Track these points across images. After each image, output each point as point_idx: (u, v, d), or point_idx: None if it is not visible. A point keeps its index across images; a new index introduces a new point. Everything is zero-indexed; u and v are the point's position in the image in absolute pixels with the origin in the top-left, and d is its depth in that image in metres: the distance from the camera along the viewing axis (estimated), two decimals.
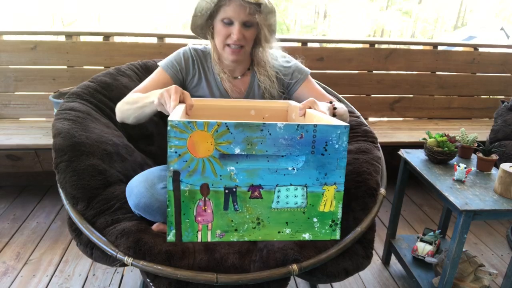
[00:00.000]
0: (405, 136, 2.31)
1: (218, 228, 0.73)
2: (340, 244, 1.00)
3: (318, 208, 0.76)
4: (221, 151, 0.67)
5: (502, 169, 1.25)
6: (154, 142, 1.45)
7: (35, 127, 2.15)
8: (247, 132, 0.67)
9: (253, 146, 0.68)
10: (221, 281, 0.88)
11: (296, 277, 1.08)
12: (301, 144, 0.69)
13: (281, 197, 0.73)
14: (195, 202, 0.70)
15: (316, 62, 2.44)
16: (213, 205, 0.71)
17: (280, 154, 0.69)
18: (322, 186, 0.74)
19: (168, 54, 1.31)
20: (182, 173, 0.67)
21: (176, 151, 0.65)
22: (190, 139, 0.65)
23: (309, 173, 0.72)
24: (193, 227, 0.71)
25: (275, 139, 0.68)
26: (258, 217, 0.74)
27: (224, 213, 0.72)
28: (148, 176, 1.04)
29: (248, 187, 0.71)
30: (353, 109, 1.54)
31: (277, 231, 0.76)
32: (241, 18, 1.12)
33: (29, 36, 2.27)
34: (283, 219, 0.75)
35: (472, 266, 1.42)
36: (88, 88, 1.33)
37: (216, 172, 0.68)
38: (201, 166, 0.68)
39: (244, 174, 0.69)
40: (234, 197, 0.71)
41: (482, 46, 2.71)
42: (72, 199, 1.03)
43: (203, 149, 0.67)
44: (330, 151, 0.71)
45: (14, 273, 1.61)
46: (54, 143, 1.09)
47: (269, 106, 1.16)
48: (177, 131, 0.64)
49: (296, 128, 0.68)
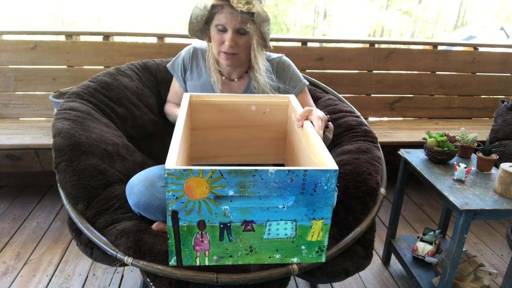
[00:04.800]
0: (405, 136, 2.31)
1: (215, 255, 0.80)
2: (340, 244, 1.00)
3: (306, 238, 0.81)
4: (215, 193, 0.72)
5: (502, 169, 1.25)
6: (154, 142, 1.45)
7: (35, 127, 2.15)
8: (240, 177, 0.71)
9: (246, 188, 0.73)
10: (221, 281, 0.88)
11: (296, 277, 1.08)
12: (291, 186, 0.74)
13: (272, 230, 0.78)
14: (193, 235, 0.76)
15: (316, 62, 2.44)
16: (209, 237, 0.77)
17: (271, 195, 0.74)
18: (310, 220, 0.79)
19: (168, 54, 1.33)
20: (180, 212, 0.72)
21: (173, 194, 0.70)
22: (186, 184, 0.70)
23: (298, 210, 0.77)
24: (192, 254, 0.78)
25: (266, 182, 0.73)
26: (251, 245, 0.80)
27: (219, 243, 0.78)
28: (148, 175, 1.04)
29: (241, 222, 0.76)
30: (353, 109, 1.54)
31: (268, 256, 0.82)
32: (233, 25, 1.12)
33: (29, 36, 2.27)
34: (274, 247, 0.81)
35: (472, 266, 1.42)
36: (88, 88, 1.33)
37: (212, 211, 0.74)
38: (197, 206, 0.73)
39: (238, 211, 0.75)
40: (228, 231, 0.77)
41: (482, 46, 2.71)
42: (72, 199, 1.03)
43: (199, 192, 0.72)
44: (319, 191, 0.75)
45: (14, 273, 1.61)
46: (54, 143, 1.09)
47: (269, 101, 1.17)
48: (173, 178, 0.69)
49: (287, 173, 0.72)
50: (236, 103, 1.14)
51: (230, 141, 1.19)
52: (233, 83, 1.32)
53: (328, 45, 2.64)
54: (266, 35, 1.17)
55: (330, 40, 2.75)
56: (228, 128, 1.17)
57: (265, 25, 1.14)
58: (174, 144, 0.76)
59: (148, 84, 1.54)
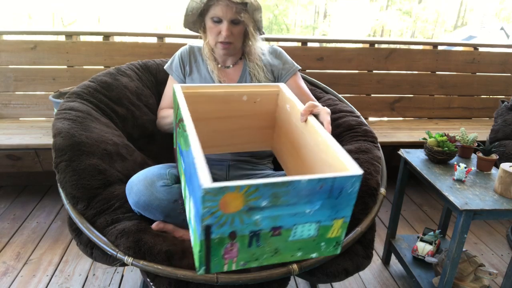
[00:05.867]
0: (405, 136, 2.31)
1: (242, 260, 0.80)
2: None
3: (326, 236, 0.83)
4: (250, 206, 0.73)
5: (502, 169, 1.25)
6: (154, 142, 1.45)
7: (35, 127, 2.15)
8: (275, 189, 0.72)
9: (278, 198, 0.73)
10: (221, 281, 0.88)
11: (296, 277, 1.08)
12: (319, 193, 0.76)
13: (297, 232, 0.80)
14: (223, 246, 0.76)
15: (316, 62, 2.44)
16: (239, 245, 0.77)
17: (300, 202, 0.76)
18: (332, 220, 0.81)
19: (168, 54, 1.33)
20: (213, 226, 0.72)
21: (209, 210, 0.70)
22: (222, 199, 0.69)
23: (323, 212, 0.79)
24: (220, 262, 0.78)
25: (298, 191, 0.74)
26: (276, 248, 0.81)
27: (248, 249, 0.78)
28: (147, 175, 1.04)
29: (270, 229, 0.77)
30: (353, 109, 1.54)
31: (291, 255, 0.84)
32: (228, 16, 1.20)
33: (29, 36, 2.27)
34: (297, 247, 0.83)
35: (472, 266, 1.42)
36: (88, 88, 1.33)
37: (244, 221, 0.74)
38: (231, 219, 0.73)
39: (268, 220, 0.76)
40: (257, 238, 0.78)
41: (482, 46, 2.70)
42: (72, 199, 1.03)
43: (234, 206, 0.72)
44: (343, 195, 0.78)
45: (14, 273, 1.61)
46: (54, 143, 1.09)
47: (260, 90, 1.18)
48: (210, 195, 0.68)
49: (318, 181, 0.74)
50: (227, 94, 1.13)
51: (219, 132, 1.18)
52: (228, 70, 1.37)
53: (328, 45, 2.64)
54: (259, 22, 1.27)
55: (330, 40, 2.75)
56: (217, 119, 1.16)
57: (257, 13, 1.24)
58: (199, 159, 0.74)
59: (148, 84, 1.54)
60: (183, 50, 1.40)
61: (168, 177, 1.06)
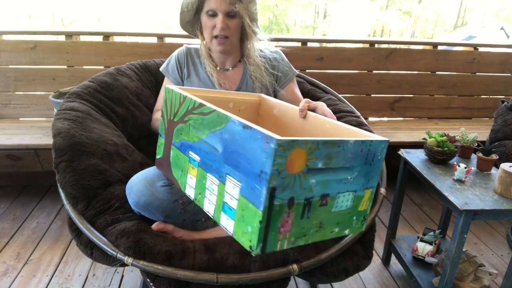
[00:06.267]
0: (405, 136, 2.31)
1: (293, 236, 0.79)
2: (340, 244, 1.00)
3: (358, 208, 0.86)
4: (309, 166, 0.73)
5: (502, 169, 1.25)
6: (154, 142, 1.44)
7: (35, 127, 2.15)
8: (330, 148, 0.75)
9: (331, 160, 0.76)
10: (221, 281, 0.88)
11: (296, 277, 1.08)
12: (360, 157, 0.80)
13: (339, 203, 0.82)
14: (281, 215, 0.74)
15: (316, 62, 2.44)
16: (294, 215, 0.76)
17: (346, 166, 0.79)
18: (364, 189, 0.85)
19: (168, 54, 1.33)
20: (277, 189, 0.71)
21: (277, 168, 0.69)
22: (290, 156, 0.70)
23: (359, 180, 0.82)
24: (275, 238, 0.76)
25: (345, 153, 0.77)
26: (321, 221, 0.81)
27: (300, 221, 0.78)
28: (147, 175, 1.04)
29: (320, 196, 0.78)
30: (353, 109, 1.54)
31: (330, 231, 0.84)
32: (223, 8, 1.20)
33: (29, 36, 2.27)
34: (336, 220, 0.84)
35: (472, 266, 1.42)
36: (88, 88, 1.33)
37: (302, 185, 0.74)
38: (293, 181, 0.73)
39: (320, 185, 0.77)
40: (309, 207, 0.78)
41: (482, 46, 2.71)
42: (72, 199, 1.03)
43: (297, 166, 0.72)
44: (375, 161, 0.83)
45: (14, 273, 1.61)
46: (54, 143, 1.09)
47: (243, 99, 1.20)
48: (282, 149, 0.68)
49: (360, 144, 0.78)
50: (215, 100, 1.14)
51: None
52: (228, 73, 1.35)
53: (328, 45, 2.64)
54: (254, 15, 1.26)
55: (330, 40, 2.75)
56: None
57: (252, 5, 1.24)
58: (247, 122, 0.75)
59: (148, 84, 1.54)
60: (180, 52, 1.37)
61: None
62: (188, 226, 1.06)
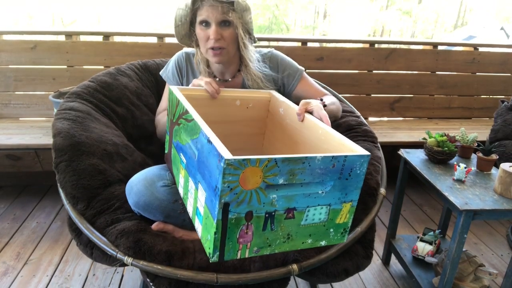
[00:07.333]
0: (405, 136, 2.31)
1: (255, 246, 0.80)
2: (340, 244, 1.00)
3: (335, 221, 0.85)
4: (267, 182, 0.73)
5: (502, 169, 1.25)
6: (154, 142, 1.45)
7: (35, 127, 2.15)
8: (292, 165, 0.73)
9: (294, 176, 0.75)
10: (221, 281, 0.88)
11: (296, 277, 1.08)
12: (332, 172, 0.78)
13: (309, 216, 0.82)
14: (239, 227, 0.76)
15: (316, 62, 2.44)
16: (254, 227, 0.77)
17: (315, 181, 0.78)
18: (341, 203, 0.83)
19: (168, 54, 1.32)
20: (231, 204, 0.72)
21: (229, 185, 0.70)
22: (242, 174, 0.70)
23: (334, 194, 0.81)
24: (234, 247, 0.78)
25: (313, 169, 0.76)
26: (289, 233, 0.82)
27: (262, 233, 0.79)
28: (147, 175, 1.04)
29: (284, 210, 0.78)
30: (353, 109, 1.54)
31: (301, 242, 0.85)
32: (216, 18, 1.12)
33: (29, 36, 2.27)
34: (308, 232, 0.84)
35: (472, 266, 1.42)
36: (88, 87, 1.33)
37: (261, 200, 0.75)
38: (249, 196, 0.73)
39: (283, 200, 0.77)
40: (272, 220, 0.78)
41: (482, 46, 2.71)
42: (72, 199, 1.03)
43: (253, 182, 0.72)
44: (353, 176, 0.81)
45: (14, 273, 1.61)
46: (54, 143, 1.09)
47: (252, 96, 1.19)
48: (231, 168, 0.68)
49: (331, 159, 0.77)
50: (221, 98, 1.14)
51: None
52: (227, 84, 1.31)
53: (328, 45, 2.64)
54: (249, 24, 1.18)
55: (330, 40, 2.75)
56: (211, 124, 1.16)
57: (246, 14, 1.16)
58: (213, 137, 0.75)
59: (148, 84, 1.54)
60: (179, 57, 1.32)
61: (168, 178, 1.06)
62: (188, 226, 1.06)
